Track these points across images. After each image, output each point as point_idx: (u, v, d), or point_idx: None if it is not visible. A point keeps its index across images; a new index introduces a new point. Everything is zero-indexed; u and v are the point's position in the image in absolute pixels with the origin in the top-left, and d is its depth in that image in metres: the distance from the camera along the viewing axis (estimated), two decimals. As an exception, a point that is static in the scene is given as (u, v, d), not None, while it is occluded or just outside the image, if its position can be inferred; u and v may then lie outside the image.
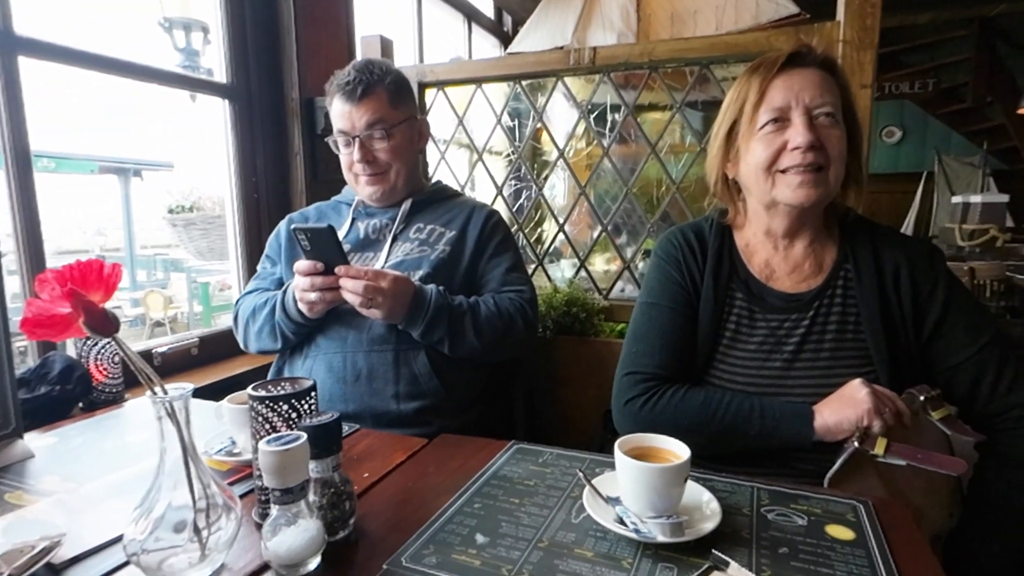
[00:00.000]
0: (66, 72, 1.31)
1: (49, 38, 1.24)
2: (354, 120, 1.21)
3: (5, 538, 0.62)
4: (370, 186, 1.27)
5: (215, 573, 0.61)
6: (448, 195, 1.38)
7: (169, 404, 0.59)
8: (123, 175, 9.09)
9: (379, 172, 1.25)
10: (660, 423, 0.94)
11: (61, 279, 0.59)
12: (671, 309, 1.02)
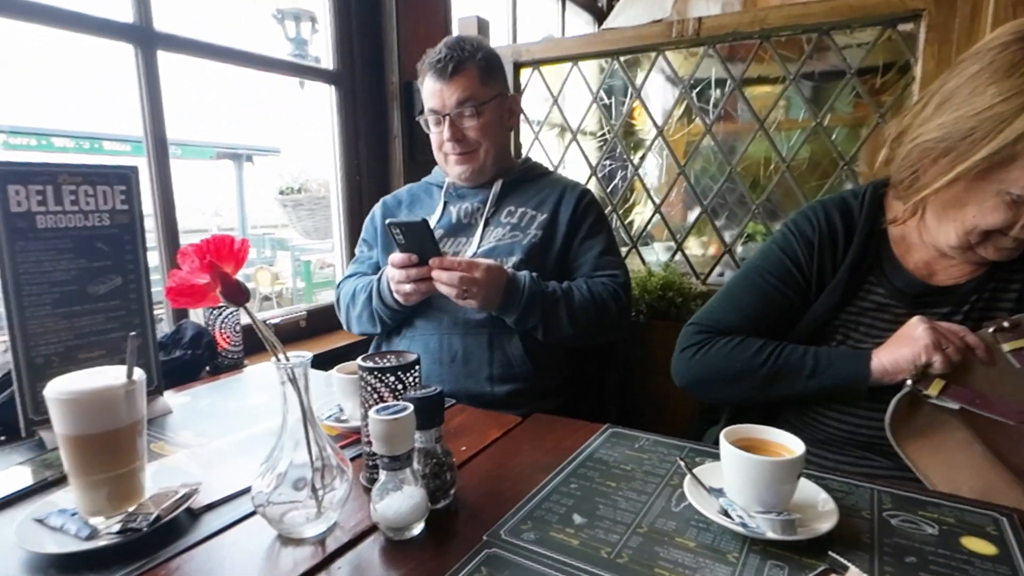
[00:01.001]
0: (187, 63, 1.42)
1: (182, 33, 1.35)
2: (444, 98, 1.21)
3: (153, 483, 0.69)
4: (459, 165, 1.26)
5: (328, 529, 0.65)
6: (539, 173, 1.35)
7: (291, 370, 0.63)
8: (237, 160, 9.87)
9: (469, 151, 1.25)
10: (711, 370, 0.94)
11: (200, 252, 0.64)
12: (769, 281, 0.96)
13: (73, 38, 1.19)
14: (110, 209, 0.93)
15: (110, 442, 0.63)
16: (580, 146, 1.71)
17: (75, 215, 0.90)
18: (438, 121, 1.24)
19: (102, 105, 17.61)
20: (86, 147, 8.30)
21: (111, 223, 0.94)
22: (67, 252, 0.89)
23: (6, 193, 0.82)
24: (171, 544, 0.62)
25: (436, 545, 0.62)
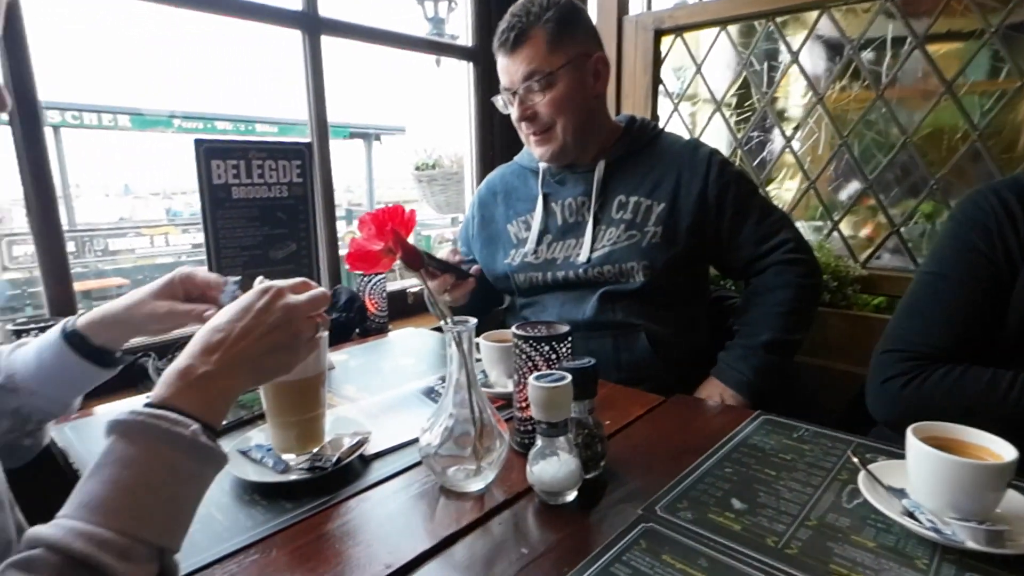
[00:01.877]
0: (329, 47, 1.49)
1: (342, 18, 1.44)
2: (511, 73, 1.10)
3: (330, 429, 0.77)
4: (538, 147, 1.15)
5: (486, 487, 0.68)
6: (647, 140, 1.18)
7: (458, 334, 0.66)
8: (367, 139, 10.51)
9: (543, 130, 1.12)
10: (929, 405, 0.81)
11: (377, 221, 0.69)
12: (963, 283, 0.84)
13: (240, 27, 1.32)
14: (288, 182, 1.03)
15: (301, 390, 0.71)
16: (725, 118, 1.61)
17: (261, 187, 1.00)
18: (509, 100, 1.13)
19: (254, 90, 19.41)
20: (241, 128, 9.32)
21: (288, 195, 1.04)
22: (254, 220, 1.00)
23: (210, 167, 0.94)
24: (349, 485, 0.69)
25: (589, 513, 0.63)
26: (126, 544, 0.41)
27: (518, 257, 1.22)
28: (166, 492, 0.45)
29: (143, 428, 0.46)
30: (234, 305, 0.56)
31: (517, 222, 1.25)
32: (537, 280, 1.20)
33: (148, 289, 0.73)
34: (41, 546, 0.40)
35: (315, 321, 0.60)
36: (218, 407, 0.51)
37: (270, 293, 0.57)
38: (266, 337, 0.54)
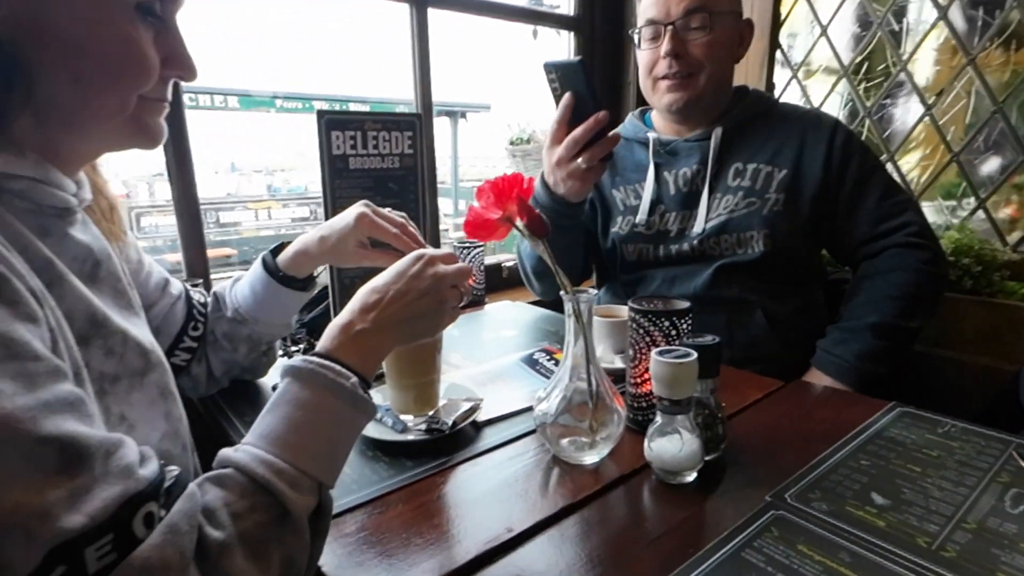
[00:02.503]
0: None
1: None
2: (669, 5, 1.04)
3: (443, 394, 0.79)
4: (671, 92, 1.08)
5: (601, 460, 0.67)
6: (765, 109, 1.12)
7: (578, 304, 0.65)
8: (453, 117, 10.65)
9: (688, 74, 1.06)
10: None
11: (496, 189, 0.68)
12: None
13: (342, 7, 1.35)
14: (400, 153, 1.05)
15: (419, 354, 0.73)
16: (853, 84, 1.48)
17: (375, 157, 1.03)
18: (656, 34, 1.07)
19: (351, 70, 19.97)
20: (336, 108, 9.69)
21: (399, 166, 1.06)
22: (369, 190, 1.03)
23: (330, 138, 0.98)
24: (464, 448, 0.70)
25: (711, 496, 0.61)
26: (296, 475, 0.46)
27: (626, 225, 1.19)
28: (328, 434, 0.50)
29: (312, 375, 0.50)
30: (392, 269, 0.60)
31: (625, 189, 1.21)
32: (647, 253, 1.17)
33: (338, 227, 0.79)
34: (231, 466, 0.45)
35: (459, 292, 0.63)
36: (371, 363, 0.55)
37: (423, 260, 0.60)
38: (416, 302, 0.58)
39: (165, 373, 0.57)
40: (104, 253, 0.56)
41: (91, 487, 0.36)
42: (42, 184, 0.47)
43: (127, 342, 0.52)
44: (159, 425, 0.55)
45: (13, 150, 0.45)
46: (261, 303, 0.80)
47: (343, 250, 0.79)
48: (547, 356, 0.98)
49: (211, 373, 0.82)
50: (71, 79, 0.46)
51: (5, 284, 0.37)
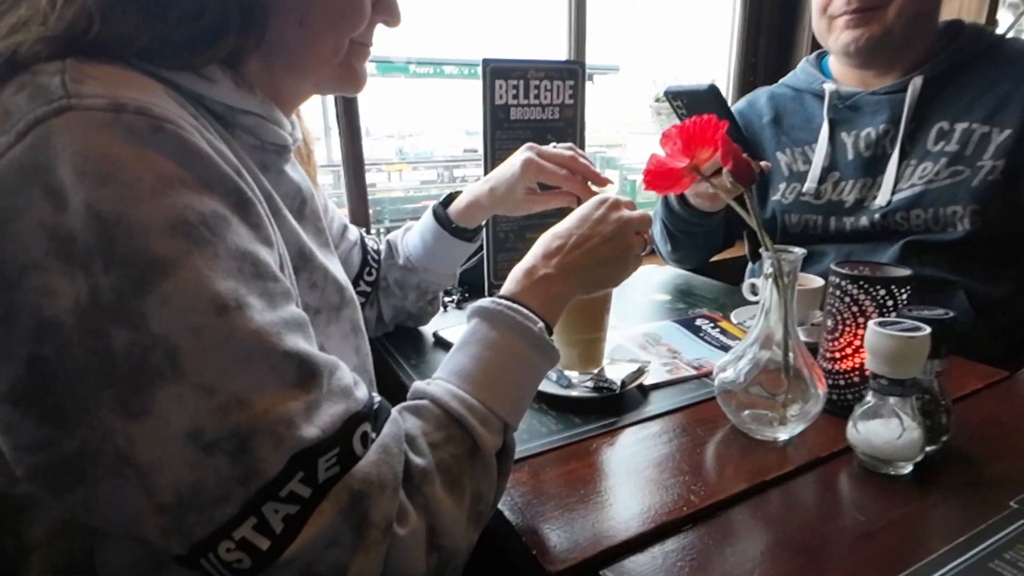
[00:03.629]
0: None
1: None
2: None
3: (608, 355, 0.75)
4: (851, 30, 0.92)
5: (790, 439, 0.60)
6: (983, 49, 0.92)
7: (779, 263, 0.58)
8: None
9: (872, 6, 0.90)
10: None
11: (685, 134, 0.62)
12: None
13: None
14: (560, 103, 1.01)
15: (588, 310, 0.70)
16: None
17: (535, 108, 1.00)
18: None
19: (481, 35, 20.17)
20: (466, 72, 9.88)
21: (559, 116, 1.02)
22: (526, 141, 1.01)
23: (494, 87, 0.96)
24: (632, 411, 0.67)
25: (933, 493, 0.52)
26: (486, 413, 0.46)
27: (791, 193, 1.06)
28: (516, 376, 0.50)
29: (502, 317, 0.50)
30: (575, 214, 0.58)
31: (792, 151, 1.07)
32: (815, 225, 1.03)
33: (506, 176, 0.78)
34: (426, 398, 0.46)
35: (642, 239, 0.59)
36: (554, 309, 0.54)
37: (607, 204, 0.58)
38: (600, 247, 0.56)
39: (356, 310, 0.59)
40: (309, 192, 0.58)
41: (321, 402, 0.37)
42: (267, 121, 0.49)
43: (327, 277, 0.54)
44: (351, 359, 0.57)
45: (246, 87, 0.47)
46: (431, 252, 0.82)
47: (513, 198, 0.78)
48: (711, 323, 0.91)
49: (380, 317, 0.86)
50: (297, 20, 0.47)
51: (251, 208, 0.39)
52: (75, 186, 0.31)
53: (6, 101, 0.34)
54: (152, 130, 0.34)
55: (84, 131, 0.32)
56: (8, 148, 0.32)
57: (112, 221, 0.32)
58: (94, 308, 0.32)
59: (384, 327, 0.88)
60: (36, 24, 0.36)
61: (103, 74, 0.35)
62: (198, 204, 0.34)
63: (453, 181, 8.78)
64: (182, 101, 0.40)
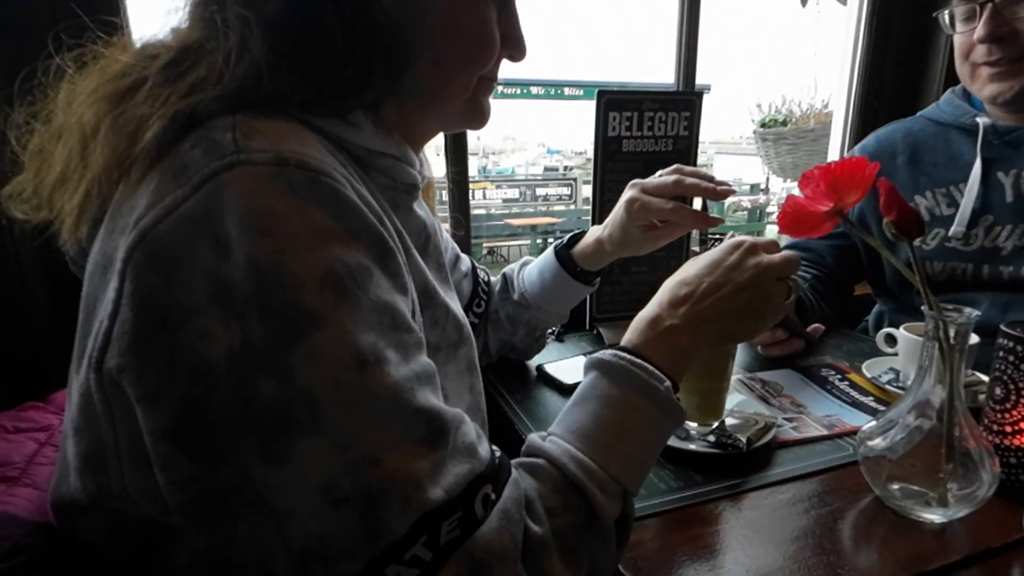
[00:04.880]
0: None
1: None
2: None
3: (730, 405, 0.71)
4: (996, 82, 0.88)
5: (949, 523, 0.53)
6: None
7: (944, 325, 0.51)
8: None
9: (1016, 57, 0.85)
10: None
11: (828, 176, 0.58)
12: None
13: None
14: (674, 135, 0.98)
15: (712, 358, 0.65)
16: None
17: (648, 140, 0.97)
18: (971, 13, 0.88)
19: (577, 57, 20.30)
20: (552, 93, 10.00)
21: (672, 148, 0.99)
22: (638, 174, 0.98)
23: (607, 119, 0.94)
24: (760, 471, 0.62)
25: None
26: (605, 479, 0.43)
27: (933, 239, 0.96)
28: (638, 438, 0.47)
29: (624, 373, 0.47)
30: (705, 257, 0.54)
31: (934, 194, 0.98)
32: (963, 273, 0.94)
33: (617, 220, 0.77)
34: (543, 458, 0.44)
35: (787, 285, 0.54)
36: (681, 363, 0.50)
37: (742, 248, 0.53)
38: (734, 296, 0.52)
39: (473, 347, 0.58)
40: (433, 227, 0.59)
41: (447, 462, 0.37)
42: (401, 162, 0.50)
43: (448, 314, 0.54)
44: (465, 397, 0.56)
45: (384, 130, 0.48)
46: (548, 291, 0.81)
47: (631, 240, 0.76)
48: (838, 375, 0.84)
49: (487, 348, 0.85)
50: (433, 60, 0.48)
51: (392, 257, 0.39)
52: (239, 238, 0.33)
53: (184, 155, 0.36)
54: (310, 183, 0.35)
55: (251, 185, 0.34)
56: (184, 200, 0.34)
57: (268, 272, 0.33)
58: (245, 356, 0.33)
59: (489, 358, 0.88)
60: (212, 84, 0.39)
61: (268, 128, 0.37)
62: (346, 256, 0.35)
63: (535, 200, 8.84)
64: (331, 149, 0.42)
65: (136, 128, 0.37)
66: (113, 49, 0.44)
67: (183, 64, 0.40)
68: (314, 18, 0.40)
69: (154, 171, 0.36)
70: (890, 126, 1.10)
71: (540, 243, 8.51)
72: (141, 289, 0.34)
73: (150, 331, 0.34)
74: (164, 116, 0.37)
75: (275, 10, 0.40)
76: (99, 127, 0.38)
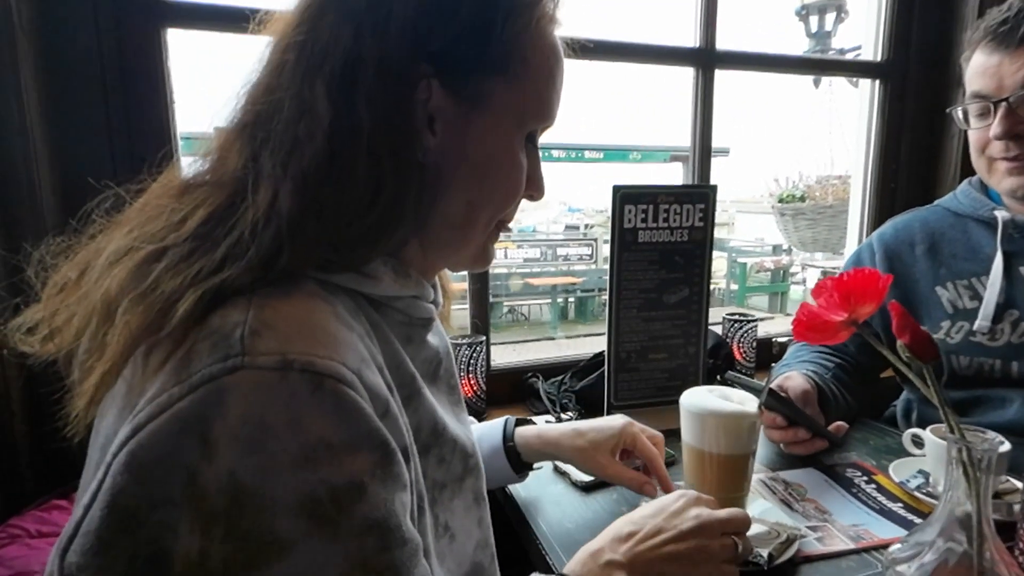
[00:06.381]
0: None
1: (738, 49, 1.38)
2: (1002, 76, 0.85)
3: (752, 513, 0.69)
4: (1013, 176, 0.88)
5: (989, 662, 0.50)
6: None
7: (968, 453, 0.50)
8: (687, 163, 10.44)
9: None
10: None
11: (841, 288, 0.58)
12: None
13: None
14: (690, 226, 1.00)
15: (725, 466, 0.65)
16: None
17: (664, 231, 0.99)
18: (984, 111, 0.89)
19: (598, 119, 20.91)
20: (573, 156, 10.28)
21: (688, 239, 1.01)
22: (654, 264, 1.00)
23: (623, 211, 0.97)
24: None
25: None
26: None
27: (957, 332, 0.94)
28: None
29: None
30: (653, 503, 0.57)
31: (955, 286, 0.96)
32: (991, 369, 0.91)
33: (601, 427, 0.74)
34: None
35: (732, 543, 0.55)
36: None
37: (687, 498, 0.57)
38: (672, 543, 0.53)
39: (480, 477, 0.58)
40: (445, 350, 0.58)
41: None
42: (418, 300, 0.51)
43: (456, 448, 0.54)
44: (474, 533, 0.55)
45: (404, 271, 0.49)
46: None
47: (594, 452, 0.73)
48: (864, 476, 0.81)
49: None
50: (466, 200, 0.49)
51: (393, 458, 0.38)
52: (226, 448, 0.32)
53: (196, 341, 0.36)
54: (312, 389, 0.34)
55: (250, 393, 0.33)
56: (178, 399, 0.33)
57: (246, 492, 0.32)
58: (199, 569, 0.32)
59: None
60: (241, 255, 0.39)
61: (281, 316, 0.37)
62: (336, 475, 0.34)
63: (556, 259, 8.90)
64: (350, 306, 0.43)
65: (164, 305, 0.37)
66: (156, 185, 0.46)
67: (216, 230, 0.40)
68: (351, 172, 0.41)
69: (170, 356, 0.36)
70: (907, 214, 1.10)
71: (561, 303, 8.51)
72: (116, 487, 0.33)
73: (116, 533, 0.33)
74: (194, 293, 0.37)
75: (313, 164, 0.40)
76: (121, 300, 0.38)
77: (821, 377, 0.96)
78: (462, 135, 0.47)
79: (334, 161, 0.41)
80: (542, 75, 0.50)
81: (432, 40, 0.44)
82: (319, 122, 0.41)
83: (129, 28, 0.93)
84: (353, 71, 0.42)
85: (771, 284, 9.38)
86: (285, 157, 0.41)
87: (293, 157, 0.41)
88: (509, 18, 0.46)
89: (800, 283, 8.85)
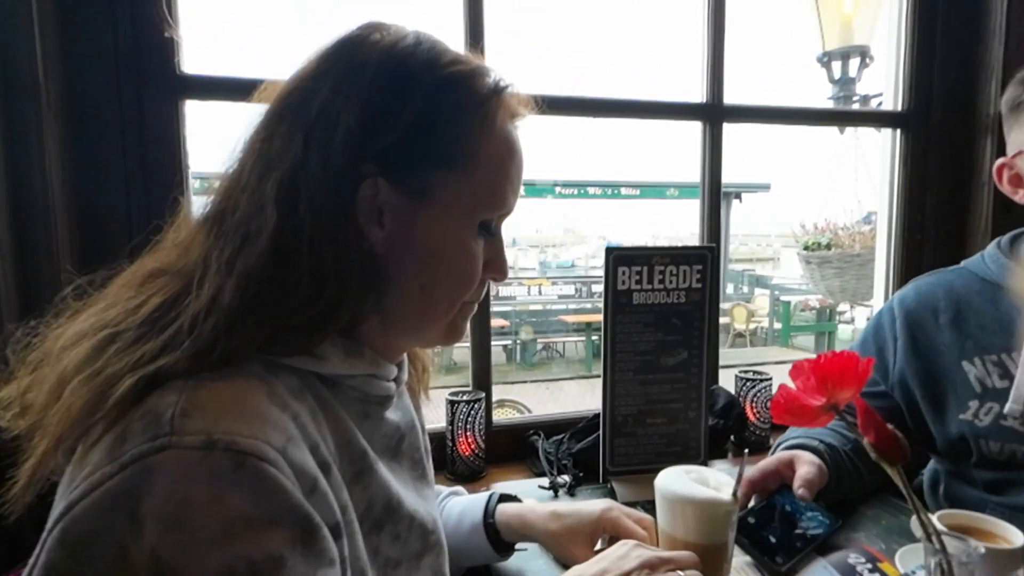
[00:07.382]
0: None
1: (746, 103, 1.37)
2: None
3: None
4: None
5: None
6: None
7: (947, 562, 0.46)
8: (727, 198, 10.30)
9: None
10: None
11: (818, 372, 0.55)
12: None
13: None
14: (687, 287, 0.98)
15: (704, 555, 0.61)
16: None
17: (660, 292, 0.98)
18: None
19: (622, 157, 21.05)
20: (609, 193, 10.34)
21: (685, 300, 0.99)
22: (650, 326, 0.98)
23: (616, 274, 0.96)
24: None
25: None
26: None
27: (987, 415, 0.85)
28: None
29: None
30: (601, 555, 0.58)
31: (984, 362, 0.87)
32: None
33: (580, 510, 0.73)
34: None
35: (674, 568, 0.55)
36: None
37: (632, 543, 0.58)
38: None
39: (441, 554, 0.57)
40: (409, 425, 0.59)
41: None
42: (374, 378, 0.52)
43: (412, 525, 0.53)
44: None
45: (357, 350, 0.50)
46: (460, 536, 0.73)
47: (569, 540, 0.71)
48: (869, 565, 0.75)
49: None
50: (419, 286, 0.50)
51: (317, 534, 0.39)
52: (151, 526, 0.33)
53: (132, 421, 0.38)
54: (235, 468, 0.36)
55: (175, 471, 0.35)
56: (110, 477, 0.35)
57: (169, 570, 0.33)
58: None
59: None
60: (181, 343, 0.41)
61: (214, 398, 0.39)
62: (255, 550, 0.35)
63: (591, 296, 8.85)
64: (292, 384, 0.44)
65: (104, 387, 0.39)
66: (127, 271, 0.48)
67: (164, 318, 0.42)
68: (293, 269, 0.43)
69: (107, 434, 0.38)
70: (931, 276, 1.01)
71: (596, 340, 8.42)
72: (50, 563, 0.34)
73: None
74: (132, 377, 0.39)
75: (259, 262, 0.43)
76: (72, 380, 0.41)
77: (838, 450, 0.90)
78: (411, 226, 0.49)
79: (277, 259, 0.43)
80: (492, 167, 0.51)
81: (377, 141, 0.46)
82: (266, 222, 0.44)
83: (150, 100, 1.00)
84: (297, 176, 0.44)
85: (817, 323, 9.05)
86: (233, 254, 0.44)
87: (240, 254, 0.44)
88: (453, 117, 0.48)
89: (849, 322, 8.49)
